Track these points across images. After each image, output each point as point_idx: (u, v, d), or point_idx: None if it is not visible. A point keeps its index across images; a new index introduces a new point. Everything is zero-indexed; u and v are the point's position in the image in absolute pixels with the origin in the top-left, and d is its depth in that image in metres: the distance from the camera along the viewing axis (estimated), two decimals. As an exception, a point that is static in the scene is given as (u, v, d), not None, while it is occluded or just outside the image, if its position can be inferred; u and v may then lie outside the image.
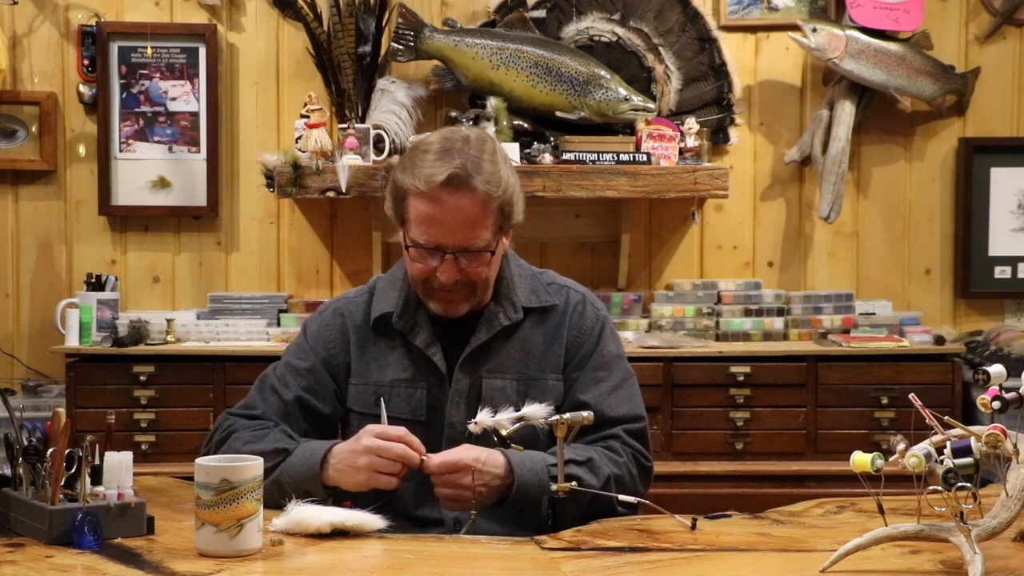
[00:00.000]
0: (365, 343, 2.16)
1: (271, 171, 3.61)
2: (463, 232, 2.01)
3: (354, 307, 2.19)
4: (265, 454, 1.95)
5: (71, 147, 3.92)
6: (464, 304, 2.08)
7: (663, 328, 3.75)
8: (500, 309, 2.12)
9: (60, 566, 1.61)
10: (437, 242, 2.02)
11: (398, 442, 1.92)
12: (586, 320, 2.16)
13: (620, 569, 1.62)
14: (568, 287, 2.21)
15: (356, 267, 3.94)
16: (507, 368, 2.11)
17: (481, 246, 2.03)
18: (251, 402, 2.17)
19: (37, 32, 3.91)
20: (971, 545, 1.50)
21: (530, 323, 2.14)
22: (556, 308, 2.16)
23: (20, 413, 1.91)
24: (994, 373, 1.63)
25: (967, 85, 3.95)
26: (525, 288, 2.16)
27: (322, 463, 1.97)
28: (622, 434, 2.09)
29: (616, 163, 3.60)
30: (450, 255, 2.02)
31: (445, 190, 1.99)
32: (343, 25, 3.71)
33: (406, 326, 2.13)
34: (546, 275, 2.23)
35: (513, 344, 2.12)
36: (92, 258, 3.93)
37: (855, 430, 3.57)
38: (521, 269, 2.20)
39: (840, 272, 4.02)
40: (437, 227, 2.01)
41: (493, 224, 2.04)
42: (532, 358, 2.12)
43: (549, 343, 2.14)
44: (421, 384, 2.12)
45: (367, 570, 1.63)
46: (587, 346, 2.15)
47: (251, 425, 2.11)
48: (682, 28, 3.89)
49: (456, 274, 2.03)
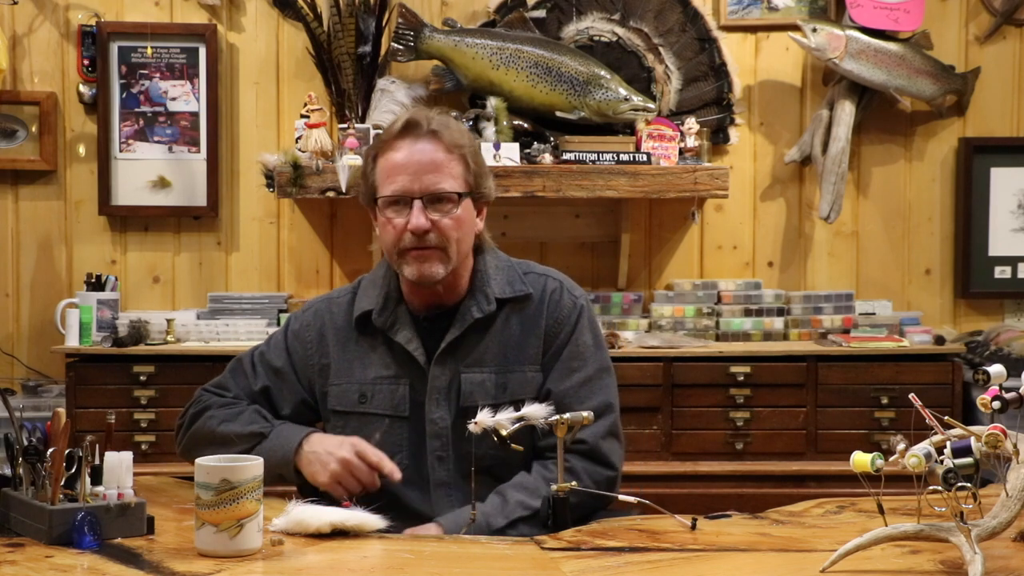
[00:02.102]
0: (347, 343, 2.18)
1: (271, 171, 3.61)
2: (428, 175, 2.05)
3: (336, 308, 2.22)
4: (240, 436, 2.09)
5: (71, 147, 3.92)
6: (438, 264, 2.07)
7: (663, 328, 3.75)
8: (473, 302, 2.13)
9: (60, 566, 1.61)
10: (404, 189, 2.06)
11: (372, 469, 2.00)
12: (562, 309, 2.16)
13: (620, 569, 1.62)
14: (546, 275, 2.21)
15: (356, 267, 3.93)
16: (485, 361, 2.12)
17: (448, 190, 2.06)
18: (224, 383, 2.23)
19: (37, 32, 3.91)
20: (971, 545, 1.50)
21: (506, 314, 2.15)
22: (532, 297, 2.16)
23: (20, 413, 1.92)
24: (994, 373, 1.63)
25: (967, 85, 3.95)
26: (500, 279, 2.16)
27: (297, 449, 2.05)
28: (590, 439, 2.07)
29: (616, 163, 3.60)
30: (417, 200, 2.05)
31: (407, 137, 2.07)
32: (343, 25, 3.71)
33: (386, 323, 2.15)
34: (524, 265, 2.23)
35: (490, 337, 2.13)
36: (92, 258, 3.93)
37: (855, 430, 3.57)
38: (498, 261, 2.20)
39: (840, 272, 4.02)
40: (402, 174, 2.06)
41: (459, 175, 2.08)
42: (510, 350, 2.13)
43: (526, 334, 2.14)
44: (403, 380, 2.13)
45: (367, 570, 1.63)
46: (563, 335, 2.15)
47: (225, 403, 2.19)
48: (682, 28, 3.89)
49: (425, 221, 2.04)
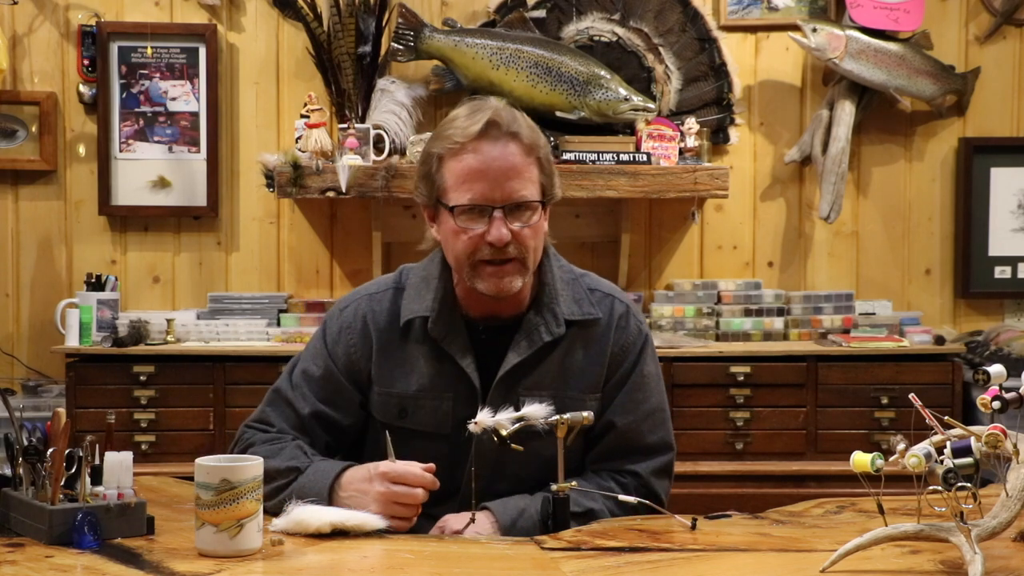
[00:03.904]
0: (389, 347, 2.01)
1: (271, 171, 3.61)
2: (509, 182, 1.89)
3: (378, 307, 2.04)
4: (279, 472, 1.91)
5: (71, 147, 3.92)
6: (516, 278, 1.92)
7: (663, 328, 3.75)
8: (541, 321, 1.98)
9: (60, 566, 1.61)
10: (483, 196, 1.88)
11: (412, 488, 1.82)
12: (629, 335, 2.03)
13: (620, 569, 1.62)
14: (613, 296, 2.06)
15: (356, 267, 3.94)
16: (544, 384, 1.98)
17: (530, 198, 1.90)
18: (265, 417, 2.04)
19: (37, 32, 3.91)
20: (971, 545, 1.50)
21: (572, 336, 2.00)
22: (599, 321, 2.02)
23: (20, 413, 1.91)
24: (994, 373, 1.63)
25: (967, 85, 3.95)
26: (567, 297, 2.01)
27: (331, 488, 1.88)
28: (645, 475, 2.01)
29: (616, 163, 3.60)
30: (498, 211, 1.88)
31: (485, 140, 1.89)
32: (343, 25, 3.71)
33: (441, 332, 1.98)
34: (588, 279, 2.08)
35: (553, 359, 1.98)
36: (92, 258, 3.93)
37: (855, 430, 3.57)
38: (563, 272, 2.05)
39: (840, 272, 4.02)
40: (481, 180, 1.88)
41: (537, 179, 1.93)
42: (571, 375, 1.99)
43: (590, 360, 2.01)
44: (448, 395, 1.98)
45: (367, 570, 1.63)
46: (627, 364, 2.03)
47: (267, 439, 2.00)
48: (682, 28, 3.89)
49: (507, 233, 1.88)
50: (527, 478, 1.98)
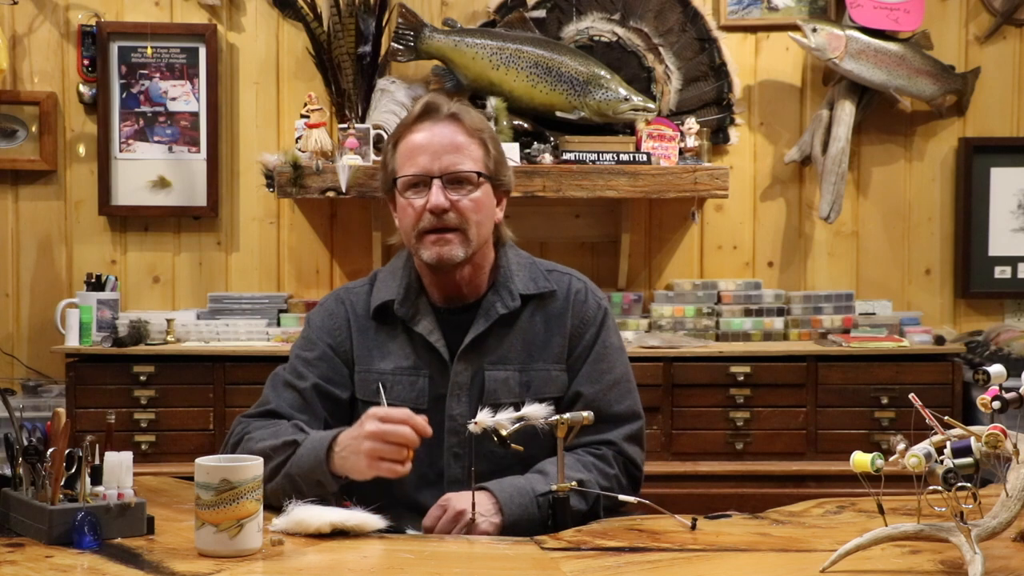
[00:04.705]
0: (366, 332, 2.15)
1: (271, 171, 3.61)
2: (448, 155, 2.06)
3: (355, 296, 2.19)
4: (276, 448, 1.98)
5: (71, 147, 3.92)
6: (457, 247, 2.06)
7: (663, 328, 3.75)
8: (497, 298, 2.11)
9: (60, 566, 1.61)
10: (424, 168, 2.06)
11: (401, 424, 1.87)
12: (588, 309, 2.15)
13: (620, 569, 1.62)
14: (570, 275, 2.20)
15: (356, 267, 3.93)
16: (509, 358, 2.10)
17: (467, 170, 2.06)
18: (264, 399, 2.14)
19: (37, 32, 3.91)
20: (971, 545, 1.50)
21: (530, 311, 2.13)
22: (556, 295, 2.15)
23: (20, 413, 1.91)
24: (994, 373, 1.63)
25: (967, 85, 3.95)
26: (523, 276, 2.15)
27: (328, 451, 1.93)
28: (618, 441, 2.09)
29: (616, 163, 3.60)
30: (437, 180, 2.05)
31: (427, 120, 2.08)
32: (343, 25, 3.71)
33: (408, 313, 2.12)
34: (545, 263, 2.22)
35: (514, 334, 2.11)
36: (92, 258, 3.93)
37: (855, 430, 3.57)
38: (520, 258, 2.19)
39: (840, 272, 4.02)
40: (422, 154, 2.06)
41: (479, 158, 2.08)
42: (534, 347, 2.11)
43: (551, 332, 2.13)
44: (423, 372, 2.11)
45: (367, 570, 1.63)
46: (589, 336, 2.14)
47: (264, 424, 2.08)
48: (682, 28, 3.89)
49: (444, 200, 2.04)
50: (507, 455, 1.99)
